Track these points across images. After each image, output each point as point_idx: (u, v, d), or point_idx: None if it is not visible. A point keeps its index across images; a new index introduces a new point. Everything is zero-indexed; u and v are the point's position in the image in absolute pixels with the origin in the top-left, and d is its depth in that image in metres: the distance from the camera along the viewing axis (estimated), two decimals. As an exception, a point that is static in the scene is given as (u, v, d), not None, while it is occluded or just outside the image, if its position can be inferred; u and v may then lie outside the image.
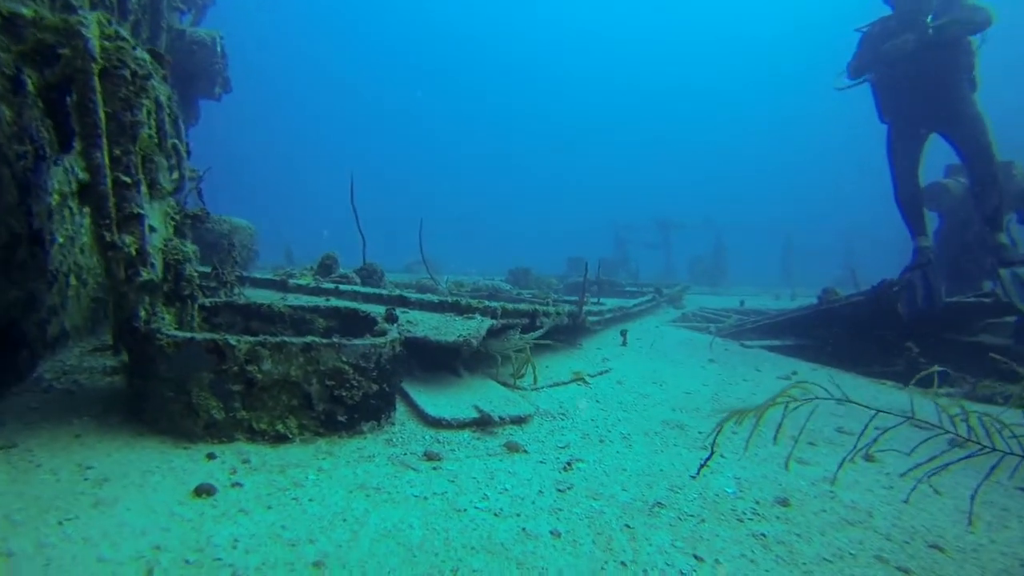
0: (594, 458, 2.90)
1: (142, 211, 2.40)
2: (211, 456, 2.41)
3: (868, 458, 3.04)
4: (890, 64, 6.93)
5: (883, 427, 3.80)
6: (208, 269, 4.25)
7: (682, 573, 1.88)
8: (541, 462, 2.81)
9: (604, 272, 12.55)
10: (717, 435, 2.79)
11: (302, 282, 4.91)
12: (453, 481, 2.48)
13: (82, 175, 2.46)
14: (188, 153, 3.21)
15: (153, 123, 2.52)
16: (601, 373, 4.87)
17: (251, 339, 2.64)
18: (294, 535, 1.90)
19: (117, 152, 2.29)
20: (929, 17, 6.54)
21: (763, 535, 2.16)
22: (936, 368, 3.21)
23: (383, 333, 3.15)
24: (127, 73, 2.25)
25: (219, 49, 7.06)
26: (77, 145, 2.20)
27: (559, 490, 2.46)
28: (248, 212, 9.45)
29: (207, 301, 3.54)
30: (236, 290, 4.07)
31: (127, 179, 2.32)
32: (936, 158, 9.03)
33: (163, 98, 2.54)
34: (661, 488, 2.55)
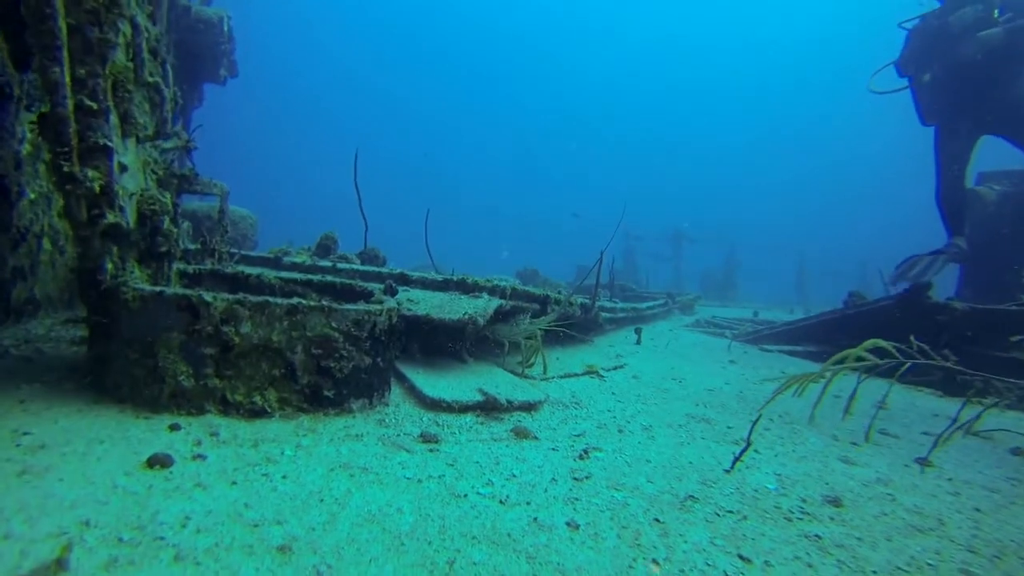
0: (613, 448, 2.57)
1: (110, 144, 2.10)
2: (174, 427, 2.09)
3: (924, 463, 2.68)
4: (954, 39, 6.50)
5: (931, 432, 3.47)
6: (197, 247, 3.96)
7: (726, 575, 1.54)
8: (553, 449, 2.48)
9: (615, 279, 12.20)
10: (769, 404, 2.45)
11: (297, 260, 4.60)
12: (452, 465, 2.15)
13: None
14: (176, 102, 2.92)
15: (130, 50, 2.23)
16: (616, 368, 4.53)
17: (229, 296, 2.33)
18: (259, 515, 1.57)
19: (82, 72, 2.00)
20: (996, 12, 6.21)
21: (818, 536, 1.81)
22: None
23: (380, 303, 2.83)
24: (94, -20, 1.97)
25: (226, 30, 6.82)
26: (35, 62, 1.92)
27: (575, 479, 2.12)
28: (252, 203, 9.21)
29: (190, 268, 3.23)
30: (226, 262, 3.76)
31: (92, 104, 2.03)
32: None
33: (143, 24, 2.25)
34: (692, 481, 2.21)
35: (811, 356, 6.40)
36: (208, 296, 2.27)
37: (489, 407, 2.88)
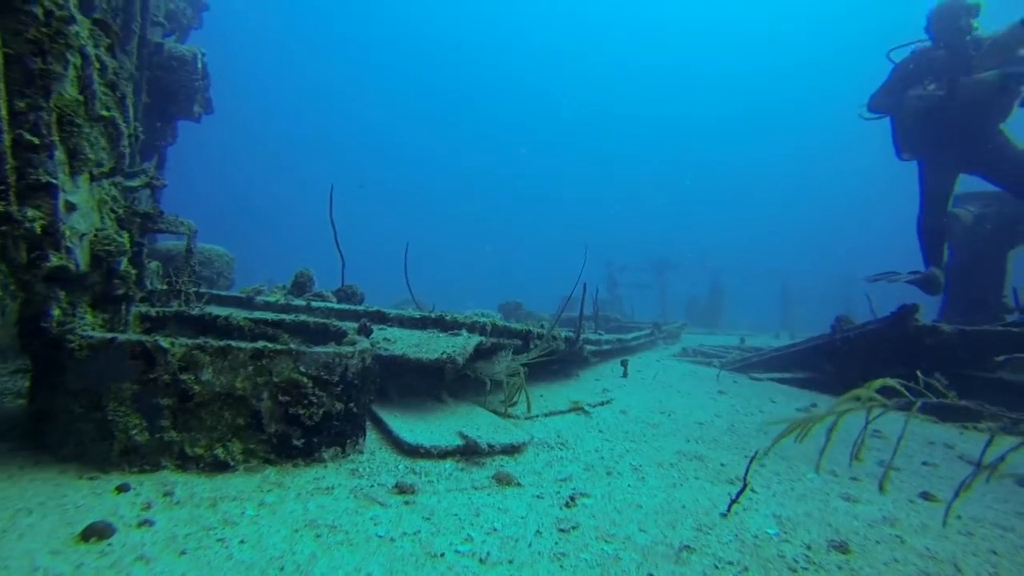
0: (601, 492, 2.41)
1: (54, 181, 1.96)
2: (122, 488, 1.90)
3: (927, 497, 2.56)
4: (914, 115, 6.79)
5: (932, 462, 3.36)
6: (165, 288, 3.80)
7: (732, 641, 1.39)
8: (538, 496, 2.32)
9: (599, 309, 12.11)
10: (764, 453, 2.32)
11: (270, 299, 4.44)
12: (429, 519, 1.98)
13: None
14: (137, 138, 2.79)
15: (76, 81, 2.11)
16: (602, 403, 4.38)
17: (188, 342, 2.18)
18: (208, 589, 1.40)
19: (21, 105, 1.87)
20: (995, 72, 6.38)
21: (826, 589, 1.67)
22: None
23: (353, 344, 2.68)
24: (38, 10, 1.86)
25: (200, 66, 6.75)
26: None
27: (561, 530, 1.97)
28: (232, 241, 9.04)
29: (153, 311, 3.07)
30: (193, 303, 3.60)
31: (33, 139, 1.90)
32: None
33: (93, 54, 2.14)
34: (687, 528, 2.06)
35: (801, 383, 6.31)
36: (165, 342, 2.11)
37: (470, 452, 2.72)
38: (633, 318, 16.56)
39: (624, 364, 5.99)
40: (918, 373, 4.23)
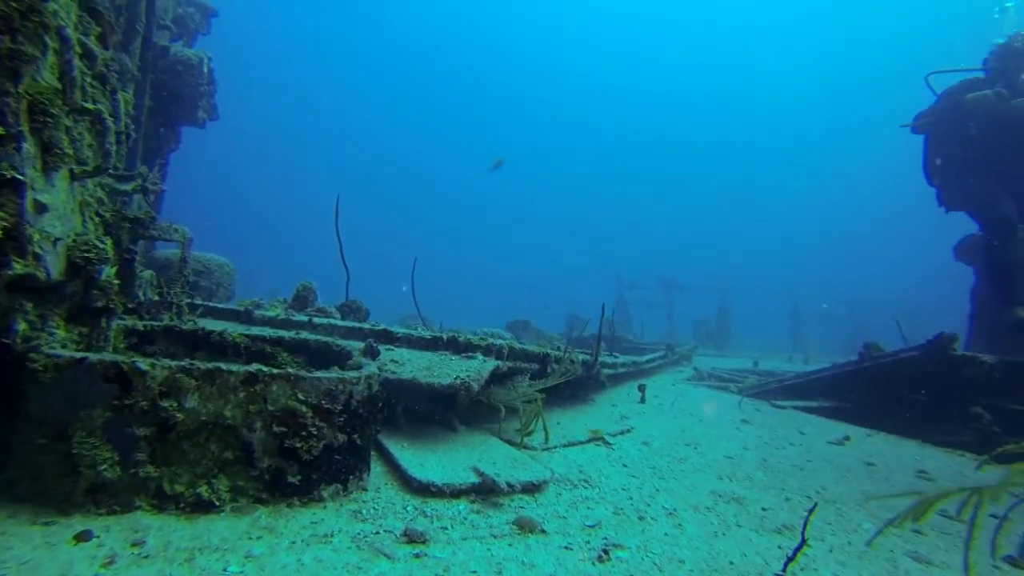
0: (636, 543, 2.12)
1: (20, 177, 1.71)
2: (83, 536, 1.62)
3: (1015, 563, 2.25)
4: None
5: (998, 515, 3.04)
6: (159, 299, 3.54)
7: None
8: (566, 548, 2.03)
9: (609, 329, 11.81)
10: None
11: (270, 313, 4.17)
12: (443, 578, 1.70)
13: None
14: (129, 136, 2.55)
15: (55, 66, 1.87)
16: (623, 432, 4.08)
17: (171, 363, 1.91)
18: None
19: (-18, 89, 1.63)
20: None
21: None
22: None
23: (358, 367, 2.41)
24: (7, -20, 1.63)
25: (206, 71, 6.57)
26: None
27: (599, 596, 1.68)
28: (231, 252, 8.79)
29: (141, 325, 2.81)
30: (186, 316, 3.33)
31: (-3, 128, 1.65)
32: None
33: (74, 38, 1.90)
34: (742, 594, 1.77)
35: (827, 412, 5.99)
36: (144, 363, 1.85)
37: (486, 491, 2.43)
38: (643, 338, 16.28)
39: (642, 389, 5.68)
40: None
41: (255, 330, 3.58)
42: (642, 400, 5.59)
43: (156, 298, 3.52)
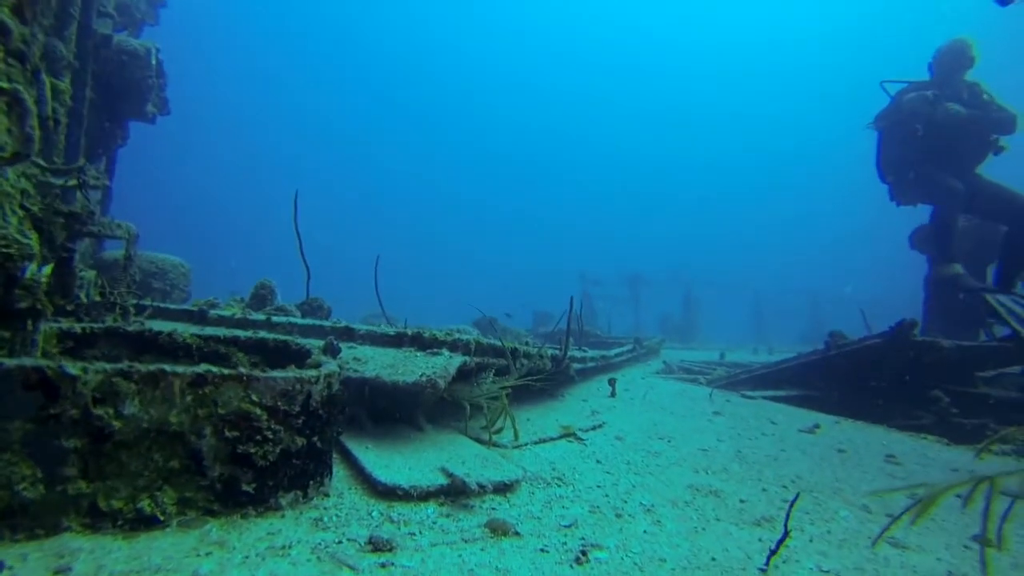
0: (615, 543, 2.03)
1: (-76, 160, 1.52)
2: (-1, 562, 1.45)
3: (984, 542, 2.23)
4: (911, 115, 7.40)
5: (962, 496, 3.05)
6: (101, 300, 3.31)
7: None
8: (542, 550, 1.92)
9: (578, 324, 11.77)
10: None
11: (226, 313, 3.96)
12: (411, 590, 1.57)
13: None
14: (57, 122, 2.35)
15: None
16: (595, 428, 4.00)
17: (107, 367, 1.74)
18: None
19: None
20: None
21: None
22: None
23: (317, 366, 2.26)
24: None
25: (154, 63, 6.24)
26: None
27: (578, 601, 1.58)
28: (187, 252, 8.45)
29: (78, 327, 2.60)
30: (132, 318, 3.12)
31: None
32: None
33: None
34: (727, 592, 1.69)
35: (794, 401, 6.04)
36: (73, 368, 1.67)
37: (456, 492, 2.31)
38: (611, 333, 16.32)
39: (612, 383, 5.63)
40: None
41: (209, 330, 3.39)
42: (612, 394, 5.53)
43: (99, 299, 3.30)
